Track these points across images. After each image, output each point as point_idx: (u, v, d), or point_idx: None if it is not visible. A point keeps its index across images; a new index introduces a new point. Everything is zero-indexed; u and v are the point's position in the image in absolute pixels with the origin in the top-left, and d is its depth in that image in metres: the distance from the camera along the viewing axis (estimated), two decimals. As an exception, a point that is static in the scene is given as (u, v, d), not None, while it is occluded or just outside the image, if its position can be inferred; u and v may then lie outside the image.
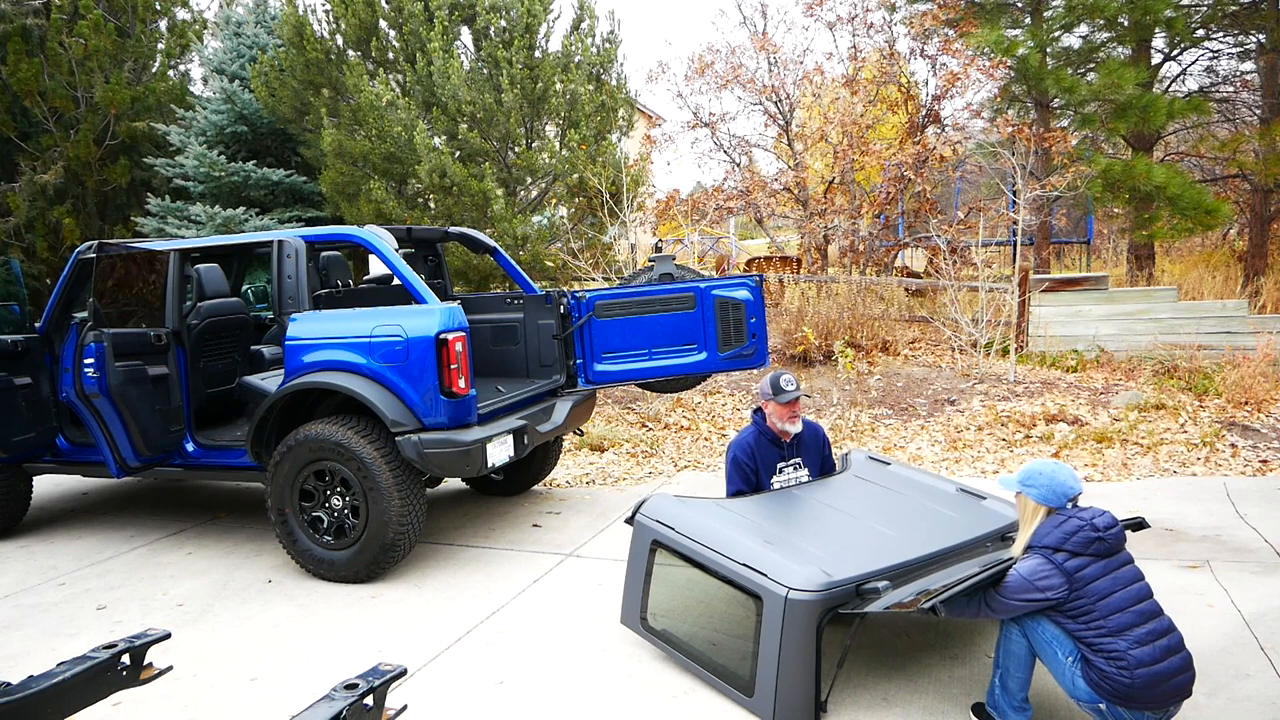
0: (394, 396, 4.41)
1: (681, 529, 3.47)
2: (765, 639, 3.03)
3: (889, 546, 3.36)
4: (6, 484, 5.52)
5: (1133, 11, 10.07)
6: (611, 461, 6.99)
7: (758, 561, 3.15)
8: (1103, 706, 2.71)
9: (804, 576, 3.01)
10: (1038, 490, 2.90)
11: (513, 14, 9.88)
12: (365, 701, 1.82)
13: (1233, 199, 12.56)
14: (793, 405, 4.04)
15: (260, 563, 4.99)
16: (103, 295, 5.10)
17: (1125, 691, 2.63)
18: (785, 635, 2.97)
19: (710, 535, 3.38)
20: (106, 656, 2.01)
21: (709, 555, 3.32)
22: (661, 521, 3.55)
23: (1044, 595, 2.73)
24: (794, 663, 2.98)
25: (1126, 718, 2.69)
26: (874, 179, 11.92)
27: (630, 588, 3.69)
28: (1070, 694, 2.81)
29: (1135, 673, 2.62)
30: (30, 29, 11.61)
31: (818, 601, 2.96)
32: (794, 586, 2.99)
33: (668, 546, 3.50)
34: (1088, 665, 2.72)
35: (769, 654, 3.01)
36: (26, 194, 11.52)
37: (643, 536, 3.61)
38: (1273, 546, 4.56)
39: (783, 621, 2.97)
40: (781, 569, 3.07)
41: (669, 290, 5.55)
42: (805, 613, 2.96)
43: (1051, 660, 2.82)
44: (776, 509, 3.85)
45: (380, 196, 9.51)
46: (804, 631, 2.97)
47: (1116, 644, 2.66)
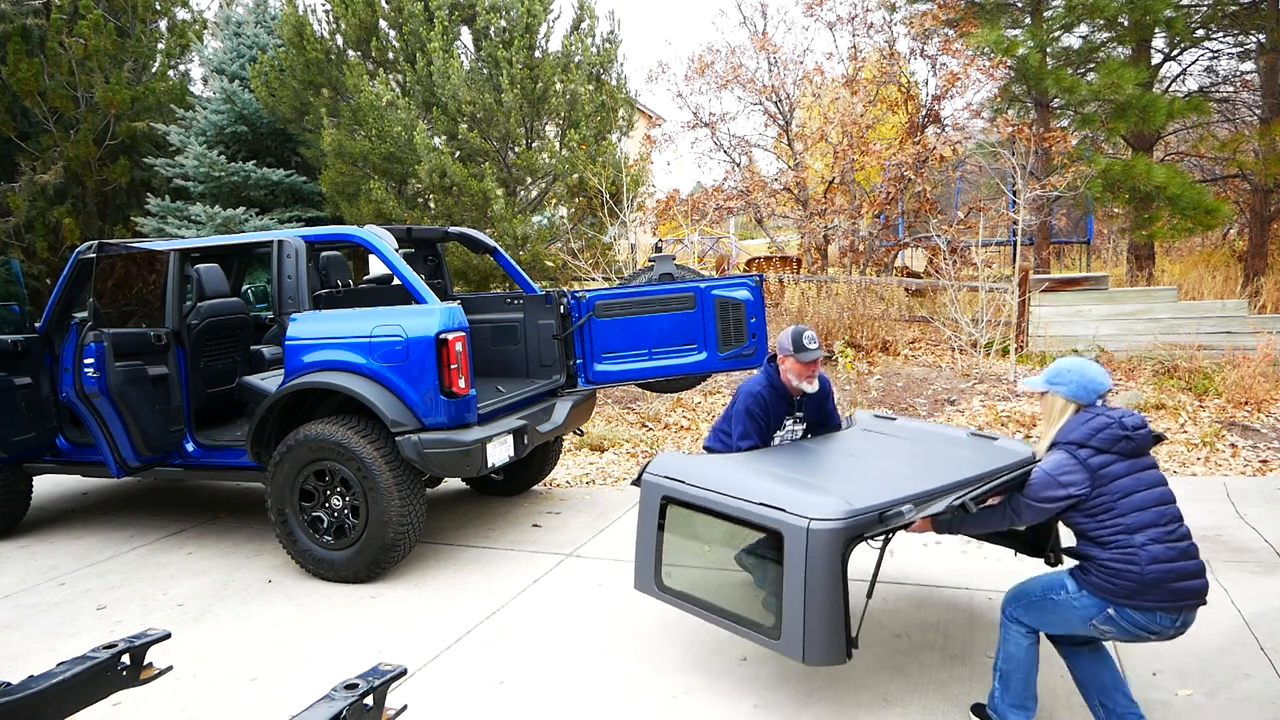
0: (394, 396, 4.41)
1: (692, 480, 3.34)
2: (789, 575, 2.90)
3: (907, 481, 3.24)
4: (6, 484, 5.52)
5: (1133, 11, 10.07)
6: (611, 461, 6.99)
7: (774, 498, 3.04)
8: (1111, 611, 2.65)
9: (824, 506, 2.91)
10: (1067, 387, 2.80)
11: (513, 14, 9.88)
12: (365, 701, 1.82)
13: (1233, 199, 12.57)
14: (813, 365, 3.84)
15: (260, 563, 4.99)
16: (103, 295, 5.10)
17: (1135, 587, 2.58)
18: (810, 568, 2.85)
19: (722, 481, 3.27)
20: (106, 656, 2.01)
21: (723, 500, 3.19)
22: (670, 476, 3.42)
23: (1066, 492, 2.67)
24: (821, 596, 2.85)
25: (1140, 620, 2.62)
26: (874, 179, 11.92)
27: (642, 551, 3.52)
28: (1077, 624, 2.73)
29: (1146, 567, 2.57)
30: (30, 29, 11.61)
31: (840, 530, 2.86)
32: (815, 517, 2.88)
33: (679, 500, 3.37)
34: (1093, 568, 2.66)
35: (794, 591, 2.89)
36: (26, 194, 11.52)
37: (652, 495, 3.48)
38: (1273, 546, 4.56)
39: (806, 554, 2.85)
40: (800, 502, 2.97)
41: (669, 290, 5.55)
42: (828, 542, 2.85)
43: (1046, 603, 2.78)
44: (788, 457, 3.74)
45: (380, 196, 9.52)
46: (829, 563, 2.85)
47: (1131, 539, 2.61)
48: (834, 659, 2.90)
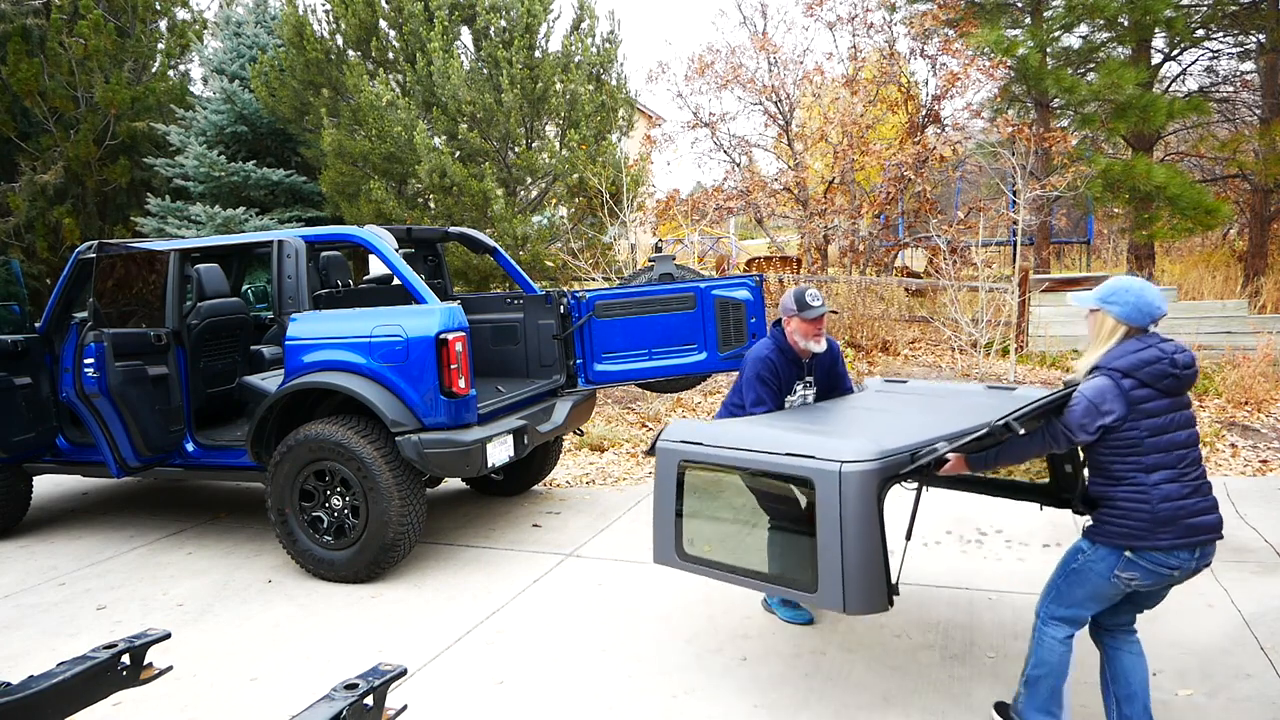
0: (394, 396, 4.41)
1: (710, 441, 3.23)
2: (824, 523, 2.80)
3: (934, 426, 3.14)
4: (6, 484, 5.52)
5: (1133, 11, 10.07)
6: (611, 461, 6.99)
7: (801, 448, 2.92)
8: (1130, 554, 2.61)
9: (855, 449, 2.81)
10: (1120, 307, 2.64)
11: (513, 14, 9.88)
12: (365, 701, 1.82)
13: (1233, 199, 12.57)
14: (818, 322, 3.74)
15: (260, 563, 4.99)
16: (103, 295, 5.10)
17: (1147, 525, 2.56)
18: (845, 514, 2.75)
19: (743, 439, 3.16)
20: (106, 656, 2.01)
21: (746, 457, 3.07)
22: (686, 440, 3.28)
23: (1106, 421, 2.59)
24: (858, 542, 2.75)
25: (1160, 559, 2.60)
26: (874, 179, 11.92)
27: (660, 522, 3.39)
28: (1104, 585, 2.69)
29: (1158, 505, 2.56)
30: (30, 29, 11.61)
31: (874, 471, 2.76)
32: (847, 460, 2.77)
33: (698, 462, 3.26)
34: (1105, 512, 2.65)
35: (829, 539, 2.78)
36: (26, 194, 11.52)
37: (668, 462, 3.33)
38: (1273, 546, 4.56)
39: (840, 499, 2.75)
40: (829, 448, 2.86)
41: (669, 290, 5.55)
42: (863, 485, 2.75)
43: (1070, 577, 2.75)
44: (806, 414, 3.63)
45: (380, 196, 9.52)
46: (864, 506, 2.75)
47: (1146, 478, 2.58)
48: (875, 607, 2.80)
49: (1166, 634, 3.62)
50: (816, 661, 3.54)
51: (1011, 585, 4.19)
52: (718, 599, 4.21)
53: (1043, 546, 4.70)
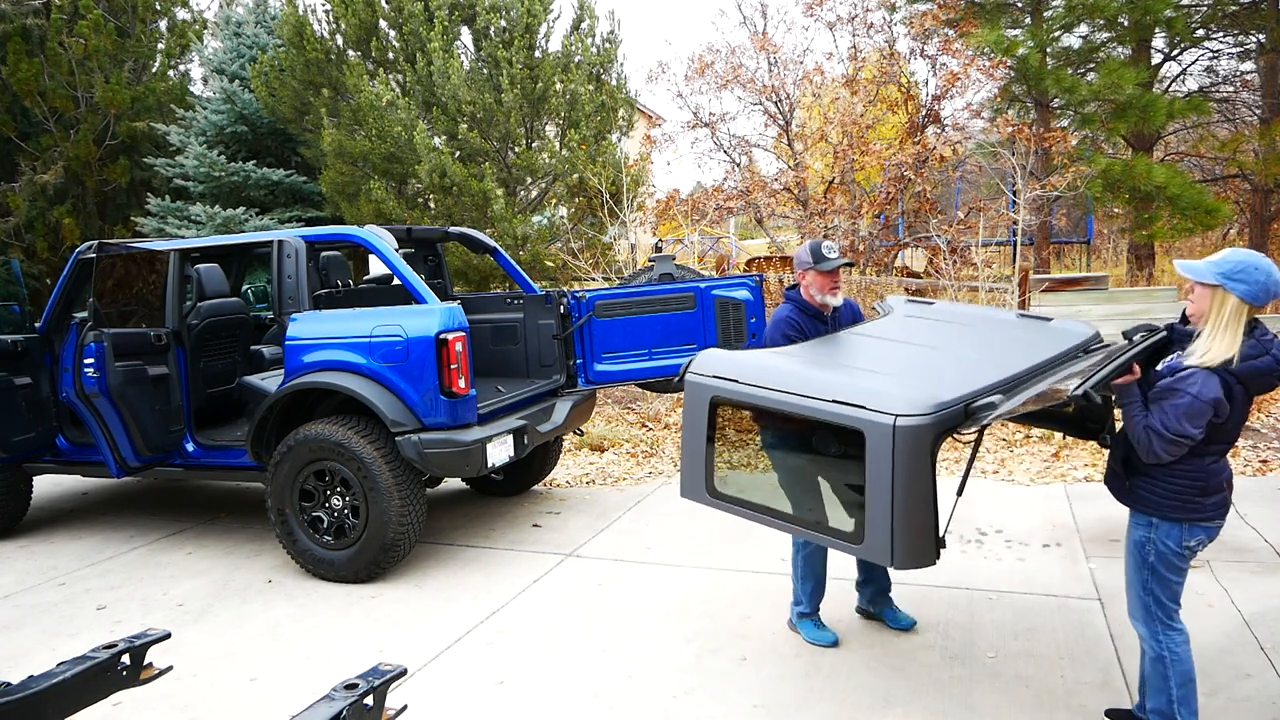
0: (394, 396, 4.41)
1: (746, 378, 3.01)
2: (874, 477, 2.66)
3: (981, 368, 2.95)
4: (6, 484, 5.52)
5: (1133, 11, 10.07)
6: (611, 461, 6.99)
7: (849, 394, 2.74)
8: (1186, 525, 2.60)
9: (909, 400, 2.65)
10: (1248, 286, 2.42)
11: (513, 14, 9.88)
12: (365, 701, 1.81)
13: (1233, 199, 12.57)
14: (835, 275, 3.62)
15: (260, 563, 4.99)
16: (103, 295, 5.11)
17: (1199, 497, 2.57)
18: (898, 467, 2.61)
19: (783, 377, 2.96)
20: (106, 656, 2.00)
21: (786, 399, 2.86)
22: (720, 375, 3.08)
23: (1222, 414, 2.46)
24: (910, 497, 2.63)
25: (1201, 533, 2.62)
26: (874, 179, 11.91)
27: (689, 456, 3.21)
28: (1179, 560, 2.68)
29: (1210, 480, 2.57)
30: (30, 29, 11.61)
31: (929, 425, 2.61)
32: (900, 413, 2.61)
33: (732, 400, 3.06)
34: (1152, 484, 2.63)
35: (880, 492, 2.65)
36: (26, 194, 11.52)
37: (698, 396, 3.14)
38: (1273, 546, 4.56)
39: (893, 452, 2.61)
40: (880, 397, 2.69)
41: (669, 290, 5.55)
42: (917, 439, 2.61)
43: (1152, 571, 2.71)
44: (845, 348, 3.40)
45: (380, 196, 9.51)
46: (918, 460, 2.62)
47: (1201, 460, 2.57)
48: (924, 561, 2.73)
49: (1166, 634, 3.62)
50: (816, 661, 3.54)
51: (1011, 585, 4.19)
52: (718, 599, 4.21)
53: (1043, 546, 4.70)
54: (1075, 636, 3.64)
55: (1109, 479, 2.85)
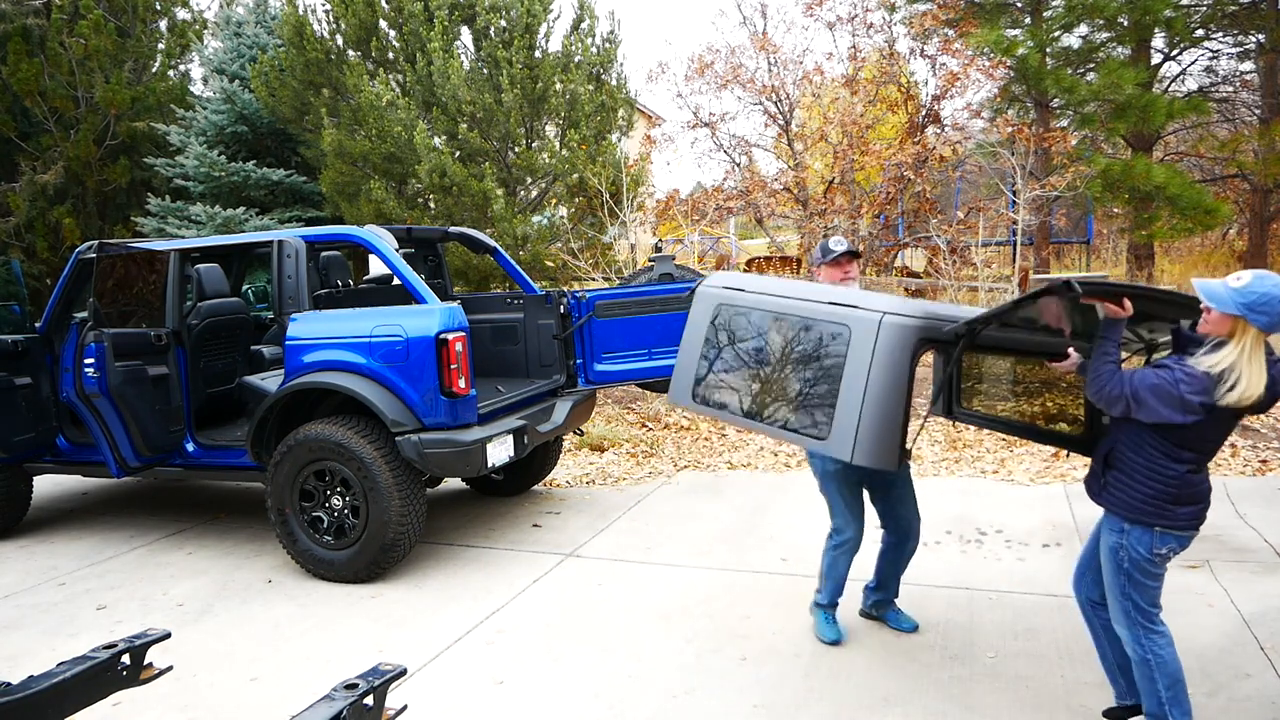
0: (394, 396, 4.41)
1: (752, 288, 3.25)
2: (850, 371, 2.78)
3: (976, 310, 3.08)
4: (6, 484, 5.52)
5: (1133, 11, 10.07)
6: (611, 461, 6.99)
7: (845, 299, 2.93)
8: (1158, 529, 2.62)
9: (898, 304, 2.83)
10: (1269, 319, 2.39)
11: (513, 14, 9.88)
12: (365, 701, 1.81)
13: (1232, 199, 12.57)
14: (842, 265, 3.72)
15: (260, 563, 4.99)
16: (103, 295, 5.10)
17: (1170, 505, 2.59)
18: (875, 362, 2.73)
19: (785, 289, 3.18)
20: (106, 656, 2.00)
21: (785, 303, 3.08)
22: (728, 286, 3.32)
23: (1180, 418, 2.45)
24: (882, 393, 2.73)
25: (1173, 541, 2.64)
26: (874, 179, 11.92)
27: (683, 362, 3.42)
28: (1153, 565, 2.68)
29: (1182, 490, 2.58)
30: (30, 29, 11.61)
31: (914, 326, 2.74)
32: (889, 311, 2.77)
33: (735, 305, 3.27)
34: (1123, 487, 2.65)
35: (853, 386, 2.76)
36: (26, 194, 11.52)
37: (705, 303, 3.36)
38: (1273, 546, 4.56)
39: (874, 346, 2.73)
40: (873, 300, 2.87)
41: (669, 290, 5.55)
42: (900, 337, 2.73)
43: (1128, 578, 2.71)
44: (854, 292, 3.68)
45: (380, 196, 9.51)
46: (897, 357, 2.73)
47: (1171, 467, 2.58)
48: (884, 462, 2.79)
49: (1166, 634, 3.62)
50: (816, 661, 3.54)
51: (1011, 585, 4.19)
52: (718, 599, 4.22)
53: (1042, 546, 4.70)
54: (1075, 636, 3.63)
55: (1088, 479, 2.89)
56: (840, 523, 3.69)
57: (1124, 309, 2.53)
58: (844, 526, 3.68)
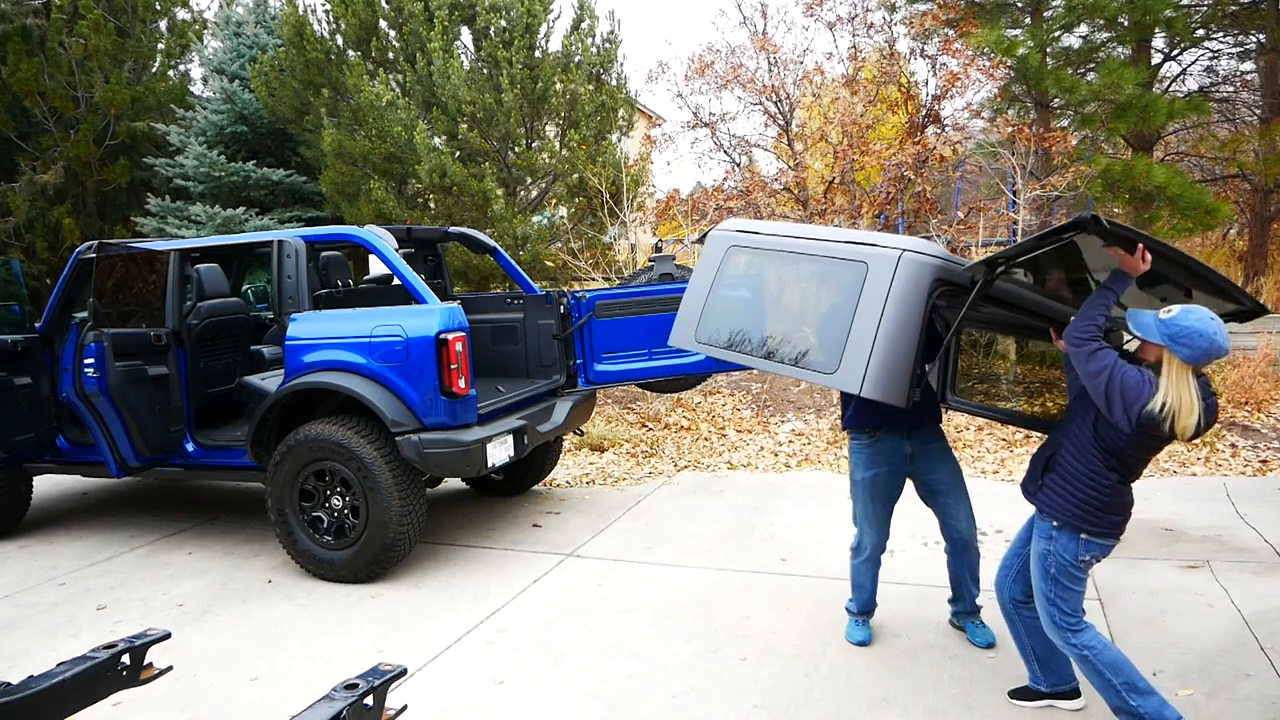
0: (394, 396, 4.41)
1: (766, 231, 3.25)
2: (865, 303, 2.76)
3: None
4: (6, 484, 5.52)
5: (1133, 11, 10.07)
6: (611, 461, 6.99)
7: (863, 238, 2.94)
8: (1084, 537, 2.75)
9: (918, 243, 2.82)
10: (1191, 351, 2.49)
11: (513, 14, 9.87)
12: (365, 701, 1.81)
13: (1233, 199, 12.55)
14: None
15: (260, 563, 4.99)
16: (103, 295, 5.10)
17: (1101, 512, 2.73)
18: (891, 297, 2.71)
19: (799, 231, 3.18)
20: (106, 656, 2.00)
21: (801, 243, 3.08)
22: (742, 229, 3.31)
23: (1133, 420, 2.53)
24: (896, 326, 2.70)
25: (1096, 549, 2.78)
26: (874, 179, 11.91)
27: (689, 303, 3.40)
28: (1078, 570, 2.80)
29: (1112, 498, 2.73)
30: (30, 29, 11.60)
31: (932, 265, 2.75)
32: (908, 249, 2.77)
33: (748, 246, 3.26)
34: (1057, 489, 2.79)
35: (867, 322, 2.74)
36: (26, 194, 11.51)
37: (717, 246, 3.34)
38: (1273, 546, 4.56)
39: (891, 280, 2.72)
40: (892, 240, 2.86)
41: (669, 290, 5.55)
42: (918, 272, 2.72)
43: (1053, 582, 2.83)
44: None
45: (380, 196, 9.51)
46: (913, 292, 2.71)
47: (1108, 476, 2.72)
48: (894, 396, 2.75)
49: (1166, 634, 3.62)
50: (816, 661, 3.54)
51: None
52: (718, 599, 4.22)
53: (1043, 546, 4.69)
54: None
55: (1025, 480, 2.98)
56: (858, 532, 3.69)
57: (1142, 263, 2.56)
58: (861, 537, 3.68)
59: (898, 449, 3.56)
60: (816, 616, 3.96)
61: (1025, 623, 3.11)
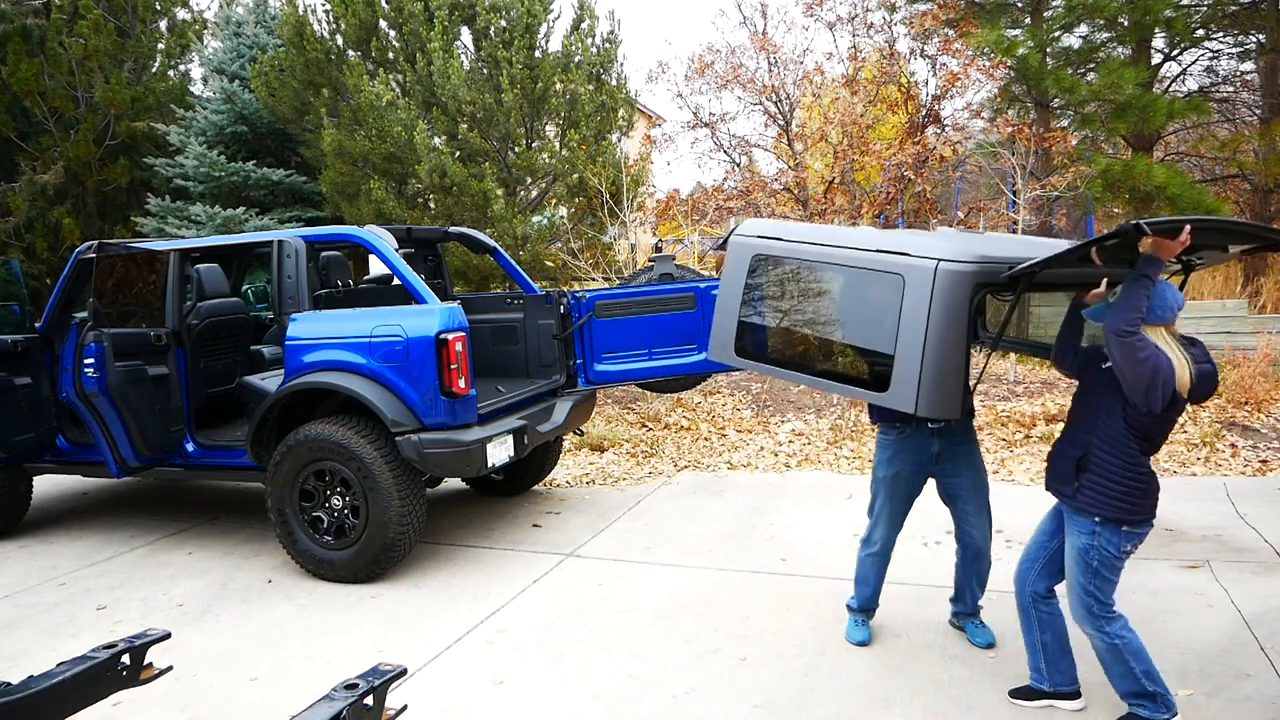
0: (394, 396, 4.41)
1: (790, 236, 3.11)
2: (909, 322, 2.68)
3: (1029, 251, 2.94)
4: (6, 484, 5.52)
5: (1133, 11, 10.07)
6: (611, 461, 6.99)
7: (894, 245, 2.80)
8: (1126, 528, 2.78)
9: (953, 250, 2.70)
10: (1153, 312, 2.67)
11: (513, 14, 9.87)
12: (365, 701, 1.81)
13: (1233, 199, 12.55)
14: None
15: (260, 563, 4.99)
16: (103, 295, 5.10)
17: (1140, 500, 2.76)
18: (934, 311, 2.63)
19: (824, 235, 3.05)
20: (106, 656, 2.00)
21: (829, 251, 2.94)
22: (764, 235, 3.16)
23: (1166, 399, 2.63)
24: (943, 343, 2.64)
25: (1136, 539, 2.82)
26: (874, 179, 11.91)
27: (721, 317, 3.29)
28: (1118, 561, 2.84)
29: (1149, 483, 2.78)
30: (30, 29, 11.60)
31: (971, 273, 2.65)
32: (944, 258, 2.66)
33: (774, 254, 3.13)
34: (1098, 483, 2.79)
35: (912, 339, 2.67)
36: (26, 194, 11.51)
37: (741, 254, 3.21)
38: (1273, 546, 4.56)
39: (932, 295, 2.63)
40: (925, 247, 2.73)
41: (669, 290, 5.55)
42: (958, 283, 2.63)
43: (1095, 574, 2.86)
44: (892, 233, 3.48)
45: (380, 196, 9.51)
46: (956, 305, 2.63)
47: (1145, 464, 2.78)
48: (949, 411, 2.72)
49: (1166, 634, 3.62)
50: (816, 661, 3.54)
51: (1011, 585, 4.17)
52: (718, 599, 4.22)
53: (1043, 546, 4.69)
54: (1073, 636, 3.63)
55: (1055, 481, 2.97)
56: (870, 527, 3.67)
57: (1180, 244, 2.60)
58: (872, 532, 3.65)
59: (924, 447, 3.48)
60: (816, 616, 3.96)
61: (1042, 618, 3.11)
